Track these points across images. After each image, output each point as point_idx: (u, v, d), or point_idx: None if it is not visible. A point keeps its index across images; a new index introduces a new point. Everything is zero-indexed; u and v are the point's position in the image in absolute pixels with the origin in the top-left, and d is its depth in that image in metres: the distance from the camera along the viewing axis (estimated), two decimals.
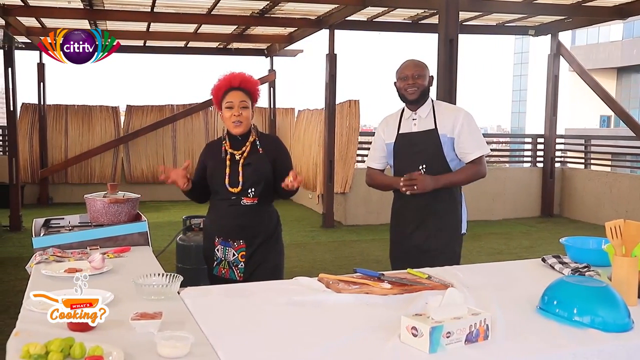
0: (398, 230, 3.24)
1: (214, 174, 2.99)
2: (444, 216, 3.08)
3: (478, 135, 3.06)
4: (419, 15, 8.67)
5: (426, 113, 3.07)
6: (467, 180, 3.09)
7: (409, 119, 3.11)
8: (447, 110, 3.10)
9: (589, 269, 2.55)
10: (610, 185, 8.99)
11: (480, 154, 3.03)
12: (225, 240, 2.97)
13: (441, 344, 1.68)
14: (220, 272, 2.98)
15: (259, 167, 2.95)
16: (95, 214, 3.28)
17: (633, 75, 31.99)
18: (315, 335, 1.81)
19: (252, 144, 2.99)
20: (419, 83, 3.02)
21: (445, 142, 3.01)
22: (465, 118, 3.03)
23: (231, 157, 2.96)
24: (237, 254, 2.95)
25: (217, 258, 3.00)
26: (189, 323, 1.89)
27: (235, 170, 2.93)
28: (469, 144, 3.01)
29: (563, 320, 1.94)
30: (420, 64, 3.09)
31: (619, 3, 7.91)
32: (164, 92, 78.28)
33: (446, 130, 3.01)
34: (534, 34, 9.54)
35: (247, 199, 2.93)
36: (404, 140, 3.11)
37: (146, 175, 11.52)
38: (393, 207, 3.31)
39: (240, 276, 2.93)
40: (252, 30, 10.00)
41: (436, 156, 3.02)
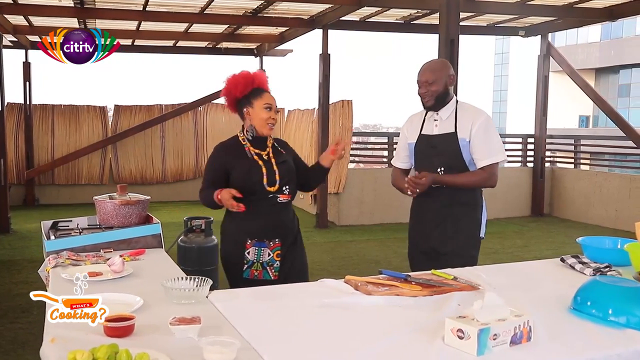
0: (416, 230, 3.21)
1: (248, 175, 2.86)
2: (462, 219, 3.06)
3: (493, 142, 2.99)
4: (411, 15, 8.68)
5: (447, 115, 3.03)
6: (470, 185, 3.02)
7: (431, 119, 3.08)
8: (467, 113, 3.02)
9: (610, 269, 2.56)
10: (600, 184, 9.10)
11: (491, 162, 2.96)
12: (260, 241, 2.87)
13: (488, 346, 1.67)
14: (252, 275, 2.86)
15: (290, 165, 2.99)
16: (105, 216, 3.22)
17: (611, 76, 32.46)
18: (356, 338, 1.79)
19: (272, 144, 2.98)
20: (432, 90, 2.97)
21: (464, 146, 2.97)
22: (483, 123, 2.97)
23: (259, 157, 2.90)
24: (272, 254, 2.89)
25: (247, 261, 2.86)
26: (226, 327, 1.85)
27: (270, 169, 2.89)
28: (481, 149, 2.96)
29: (598, 321, 1.94)
30: (435, 67, 3.03)
31: (609, 5, 8.00)
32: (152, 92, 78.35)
33: (464, 134, 2.97)
34: (524, 34, 9.61)
35: (283, 196, 2.92)
36: (424, 142, 3.08)
37: (135, 176, 11.38)
38: (412, 207, 3.26)
39: (275, 275, 2.87)
40: (243, 30, 9.94)
41: (455, 159, 2.99)
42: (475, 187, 3.06)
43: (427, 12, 8.37)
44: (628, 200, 8.70)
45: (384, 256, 6.86)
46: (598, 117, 32.63)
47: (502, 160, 3.03)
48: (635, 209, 8.60)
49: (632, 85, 31.55)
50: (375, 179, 9.11)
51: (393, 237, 8.03)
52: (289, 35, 9.93)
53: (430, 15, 8.57)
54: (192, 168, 11.79)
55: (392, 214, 9.10)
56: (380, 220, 9.02)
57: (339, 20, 8.29)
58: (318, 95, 8.71)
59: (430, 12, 8.28)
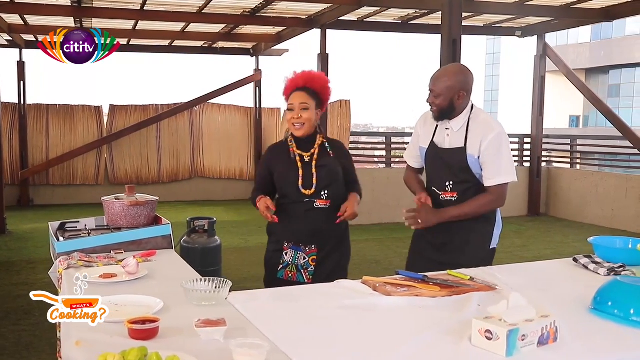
0: (422, 240, 3.05)
1: (285, 176, 2.87)
2: (472, 230, 2.92)
3: (503, 161, 2.79)
4: (409, 15, 8.69)
5: (459, 127, 2.84)
6: (478, 213, 2.86)
7: (443, 126, 2.91)
8: (479, 127, 2.80)
9: (624, 269, 2.57)
10: (596, 184, 9.15)
11: (499, 182, 2.79)
12: (296, 245, 2.87)
13: (517, 347, 1.67)
14: (286, 276, 2.87)
15: (333, 170, 2.87)
16: (114, 217, 3.19)
17: (600, 76, 32.69)
18: (384, 340, 1.78)
19: (320, 146, 2.90)
20: (436, 104, 2.80)
21: (473, 163, 2.82)
22: (494, 139, 2.76)
23: (300, 158, 2.86)
24: (307, 258, 2.87)
25: (284, 262, 2.88)
26: (250, 329, 1.84)
27: (308, 171, 2.84)
28: (490, 168, 2.79)
29: (620, 321, 1.94)
30: (442, 77, 2.80)
31: (605, 5, 8.05)
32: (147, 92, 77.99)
33: (473, 150, 2.79)
34: (521, 35, 9.66)
35: (321, 201, 2.84)
36: (434, 151, 2.93)
37: (130, 176, 11.32)
38: None
39: (309, 279, 2.85)
40: (240, 30, 9.91)
41: (463, 175, 2.85)
42: (485, 212, 2.88)
43: (425, 12, 8.38)
44: (624, 200, 8.75)
45: (384, 256, 6.86)
46: (588, 117, 32.87)
47: (512, 181, 2.82)
48: (632, 208, 8.66)
49: (622, 85, 31.78)
50: (373, 179, 9.11)
51: (392, 237, 8.04)
52: (286, 35, 9.92)
53: (428, 16, 8.59)
54: (188, 168, 11.74)
55: (389, 214, 9.11)
56: (378, 220, 9.03)
57: (337, 20, 8.29)
58: None
59: (428, 12, 8.30)
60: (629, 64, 30.77)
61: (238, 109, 12.06)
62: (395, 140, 10.05)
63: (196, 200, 11.14)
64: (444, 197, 2.91)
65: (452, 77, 2.80)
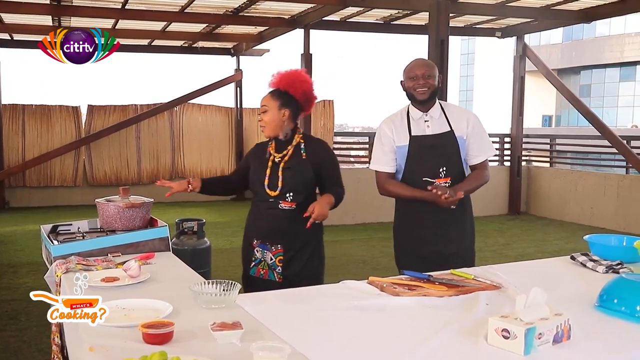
0: (414, 236, 3.09)
1: (254, 175, 2.94)
2: (463, 220, 3.03)
3: (486, 138, 3.05)
4: (392, 15, 8.73)
5: (438, 114, 2.99)
6: (479, 186, 3.04)
7: (420, 120, 2.99)
8: (457, 111, 3.04)
9: (622, 266, 2.61)
10: (575, 182, 9.31)
11: (486, 157, 3.03)
12: (263, 243, 2.90)
13: (534, 345, 1.68)
14: (258, 273, 2.90)
15: (299, 173, 2.85)
16: (108, 220, 3.13)
17: (572, 77, 33.30)
18: (401, 340, 1.78)
19: (295, 147, 2.89)
20: (429, 83, 2.92)
21: (462, 144, 2.96)
22: (475, 119, 3.02)
23: (273, 159, 2.90)
24: (274, 258, 2.87)
25: (255, 259, 2.92)
26: (264, 331, 1.82)
27: (275, 173, 2.86)
28: (477, 146, 2.99)
29: (627, 317, 1.97)
30: (430, 63, 3.02)
31: (584, 7, 8.19)
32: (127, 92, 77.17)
33: (461, 132, 2.96)
34: (500, 36, 9.77)
35: (286, 203, 2.84)
36: (420, 143, 2.97)
37: (109, 178, 11.16)
38: (404, 214, 3.14)
39: (280, 278, 2.85)
40: (221, 29, 9.84)
41: (455, 158, 2.96)
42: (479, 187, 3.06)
43: (407, 12, 8.43)
44: (603, 198, 8.92)
45: (371, 256, 6.88)
46: (560, 117, 33.45)
47: (492, 154, 3.13)
48: (610, 206, 8.83)
49: (593, 85, 32.41)
50: (357, 179, 9.11)
51: (377, 236, 8.07)
52: (268, 35, 9.88)
53: (411, 16, 8.64)
54: (169, 169, 11.62)
55: (373, 214, 9.14)
56: (362, 220, 9.05)
57: (320, 20, 8.28)
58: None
59: (411, 13, 8.34)
60: (599, 64, 31.42)
61: (219, 109, 11.98)
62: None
63: (177, 201, 10.98)
64: (438, 184, 2.96)
65: (431, 62, 3.07)
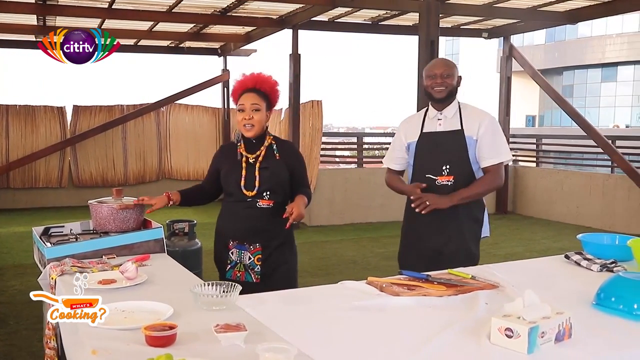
0: (414, 233, 3.15)
1: (229, 176, 2.95)
2: (464, 219, 3.04)
3: (500, 142, 3.03)
4: (380, 16, 8.75)
5: (452, 113, 3.03)
6: (484, 193, 3.05)
7: (434, 118, 3.07)
8: (473, 112, 3.06)
9: (616, 264, 2.64)
10: (561, 182, 9.40)
11: (498, 161, 3.00)
12: (240, 244, 2.92)
13: (537, 344, 1.69)
14: (234, 275, 2.92)
15: (276, 172, 2.90)
16: (101, 221, 3.10)
17: (555, 77, 33.63)
18: (404, 340, 1.78)
19: (267, 148, 2.94)
20: (447, 82, 2.98)
21: (471, 144, 2.98)
22: (491, 122, 3.02)
23: (246, 160, 2.92)
24: (253, 257, 2.90)
25: (231, 261, 2.94)
26: (267, 333, 1.81)
27: (251, 173, 2.89)
28: (488, 148, 2.98)
29: (625, 315, 2.00)
30: (450, 63, 3.07)
31: (569, 8, 8.27)
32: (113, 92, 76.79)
33: (472, 132, 2.98)
34: (487, 36, 9.84)
35: (263, 201, 2.88)
36: (427, 139, 3.05)
37: (95, 179, 11.05)
38: (407, 210, 3.19)
39: (257, 278, 2.88)
40: (208, 29, 9.79)
41: (460, 157, 2.99)
42: (488, 193, 3.07)
43: (395, 13, 8.45)
44: (588, 197, 9.02)
45: (361, 256, 6.89)
46: (544, 117, 33.77)
47: (508, 160, 3.06)
48: (596, 205, 8.93)
49: (575, 86, 32.76)
50: (346, 179, 9.14)
51: (366, 237, 8.08)
52: (255, 35, 9.85)
53: (399, 17, 8.67)
54: (155, 170, 11.54)
55: (362, 214, 9.17)
56: (350, 220, 9.06)
57: (309, 20, 8.28)
58: (288, 96, 8.67)
59: (399, 13, 8.37)
60: (581, 65, 31.77)
61: (206, 109, 11.92)
62: (367, 140, 10.10)
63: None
64: (440, 182, 3.01)
65: (452, 62, 3.10)
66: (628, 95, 31.24)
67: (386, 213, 9.25)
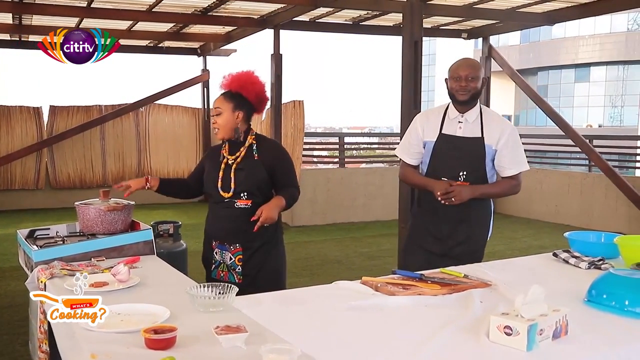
0: (424, 232, 3.12)
1: (208, 177, 3.00)
2: (475, 224, 3.05)
3: (520, 152, 3.03)
4: (361, 16, 8.76)
5: (473, 118, 2.98)
6: (501, 194, 3.11)
7: (454, 120, 3.00)
8: (494, 120, 3.01)
9: (604, 262, 2.68)
10: (540, 181, 9.53)
11: (519, 170, 3.01)
12: (221, 244, 2.94)
13: (536, 341, 1.72)
14: (219, 275, 2.94)
15: (251, 173, 2.88)
16: (89, 223, 3.06)
17: (530, 78, 34.09)
18: (405, 339, 1.79)
19: (247, 148, 2.93)
20: (471, 86, 2.91)
21: (489, 153, 2.94)
22: (512, 132, 2.98)
23: (226, 161, 2.94)
24: (234, 258, 2.90)
25: (215, 261, 2.97)
26: (267, 334, 1.80)
27: (227, 174, 2.90)
28: (510, 159, 2.97)
29: (617, 312, 2.03)
30: (476, 64, 2.97)
31: (547, 10, 8.38)
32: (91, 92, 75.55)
33: (492, 141, 2.94)
34: (467, 37, 9.93)
35: (241, 201, 2.88)
36: (446, 142, 2.99)
37: (73, 180, 10.87)
38: (417, 209, 3.19)
39: (240, 279, 2.88)
40: (188, 29, 9.71)
41: (478, 165, 2.95)
42: (505, 196, 3.17)
43: (376, 13, 8.48)
44: (567, 196, 9.16)
45: (344, 256, 6.89)
46: (519, 117, 34.22)
47: (527, 169, 3.07)
48: (574, 203, 9.08)
49: (549, 86, 33.26)
50: (328, 179, 9.15)
51: (348, 236, 8.10)
52: (236, 35, 9.80)
53: (380, 17, 8.69)
54: (134, 170, 11.40)
55: (344, 214, 9.18)
56: (332, 220, 9.06)
57: (290, 20, 8.26)
58: (270, 96, 8.62)
59: (381, 14, 8.39)
60: (555, 65, 32.27)
61: (185, 109, 11.82)
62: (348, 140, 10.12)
63: (144, 203, 10.77)
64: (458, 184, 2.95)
65: (479, 64, 3.02)
66: (600, 95, 31.82)
67: (368, 213, 9.28)
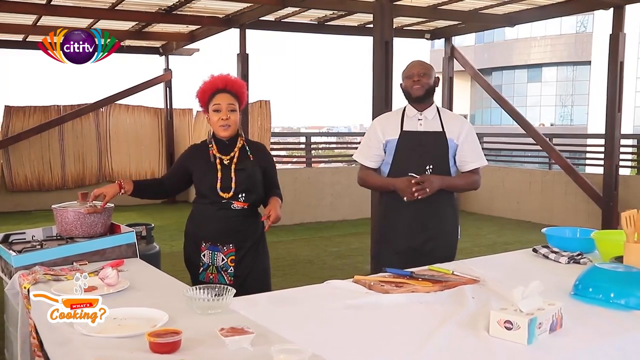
0: (393, 231, 3.13)
1: (203, 178, 2.91)
2: (444, 219, 3.08)
3: (479, 147, 3.15)
4: (326, 16, 8.79)
5: (432, 115, 3.06)
6: (465, 187, 3.14)
7: (414, 117, 3.07)
8: (452, 117, 3.13)
9: (582, 256, 2.77)
10: (502, 179, 9.76)
11: (480, 164, 3.11)
12: (213, 245, 2.90)
13: (535, 334, 1.76)
14: (207, 278, 2.90)
15: (251, 173, 2.90)
16: (67, 226, 2.97)
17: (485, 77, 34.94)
18: (406, 336, 1.81)
19: (240, 149, 2.93)
20: (423, 81, 3.00)
21: (452, 147, 3.03)
22: (470, 128, 3.10)
23: (220, 161, 2.89)
24: (226, 259, 2.89)
25: (203, 264, 2.92)
26: (271, 335, 1.79)
27: (227, 174, 2.86)
28: (471, 153, 3.06)
29: (603, 304, 2.10)
30: (426, 64, 3.10)
31: (507, 12, 8.60)
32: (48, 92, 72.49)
33: (453, 135, 3.03)
34: (429, 37, 10.09)
35: (238, 203, 2.87)
36: (409, 138, 3.04)
37: (31, 182, 10.54)
38: (384, 208, 3.19)
39: (231, 280, 2.87)
40: (151, 28, 9.55)
41: (442, 159, 3.02)
42: (467, 190, 3.18)
43: (342, 13, 8.52)
44: (528, 193, 9.41)
45: (315, 255, 6.91)
46: (475, 116, 34.93)
47: (485, 164, 3.15)
48: (535, 201, 9.33)
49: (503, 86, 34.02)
50: (295, 179, 9.14)
51: (317, 236, 8.12)
52: (199, 34, 9.69)
53: (345, 17, 8.74)
54: (95, 172, 11.14)
55: (311, 214, 9.20)
56: (300, 220, 9.06)
57: (256, 20, 8.22)
58: None
59: (346, 14, 8.44)
60: (508, 66, 33.07)
61: (147, 109, 11.61)
62: (315, 140, 10.13)
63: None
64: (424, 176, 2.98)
65: (427, 64, 3.13)
66: (552, 95, 32.75)
67: (335, 212, 9.33)
